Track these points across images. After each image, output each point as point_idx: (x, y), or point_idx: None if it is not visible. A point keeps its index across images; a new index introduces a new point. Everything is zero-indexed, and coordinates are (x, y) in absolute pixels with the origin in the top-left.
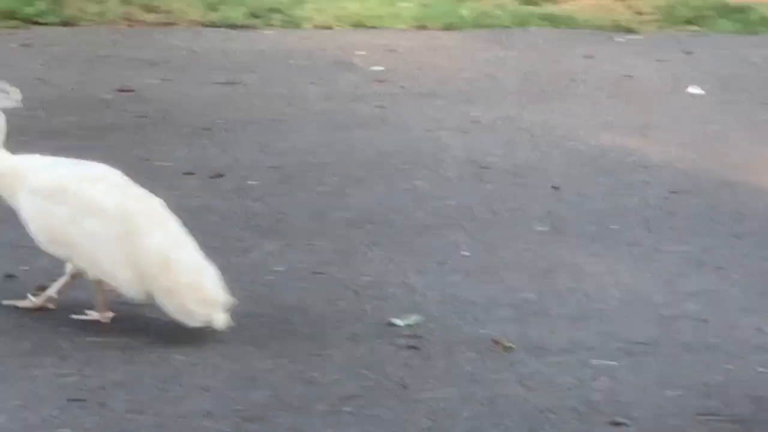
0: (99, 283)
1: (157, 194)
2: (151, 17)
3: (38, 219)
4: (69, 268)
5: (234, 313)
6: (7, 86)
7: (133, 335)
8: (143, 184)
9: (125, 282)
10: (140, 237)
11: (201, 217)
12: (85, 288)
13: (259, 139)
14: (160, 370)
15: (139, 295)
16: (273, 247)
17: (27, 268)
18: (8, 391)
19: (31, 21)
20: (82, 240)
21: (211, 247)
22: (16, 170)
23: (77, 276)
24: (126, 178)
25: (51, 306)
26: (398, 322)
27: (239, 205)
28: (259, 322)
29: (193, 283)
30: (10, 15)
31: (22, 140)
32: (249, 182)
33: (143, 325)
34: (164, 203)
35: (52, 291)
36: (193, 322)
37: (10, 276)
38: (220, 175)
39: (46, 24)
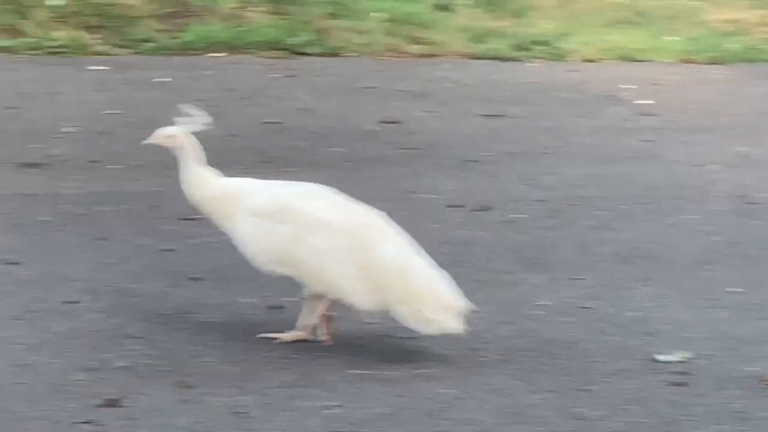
0: (321, 305)
1: (422, 227)
2: (415, 48)
3: (260, 239)
4: (306, 293)
5: (500, 347)
6: (194, 110)
7: (398, 368)
8: (409, 217)
9: (356, 294)
10: (371, 249)
11: (467, 249)
12: (347, 320)
13: (526, 171)
14: (426, 404)
15: (370, 306)
16: (539, 280)
17: (291, 299)
18: (273, 422)
19: (295, 51)
20: (309, 256)
21: (476, 280)
22: (230, 192)
23: (316, 299)
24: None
25: (308, 336)
26: (666, 358)
27: (505, 238)
28: (525, 356)
29: (431, 290)
30: (275, 45)
31: (286, 171)
32: (515, 215)
33: (407, 358)
34: (385, 215)
35: (302, 322)
36: (430, 330)
37: (274, 307)
38: (487, 208)
39: (310, 54)
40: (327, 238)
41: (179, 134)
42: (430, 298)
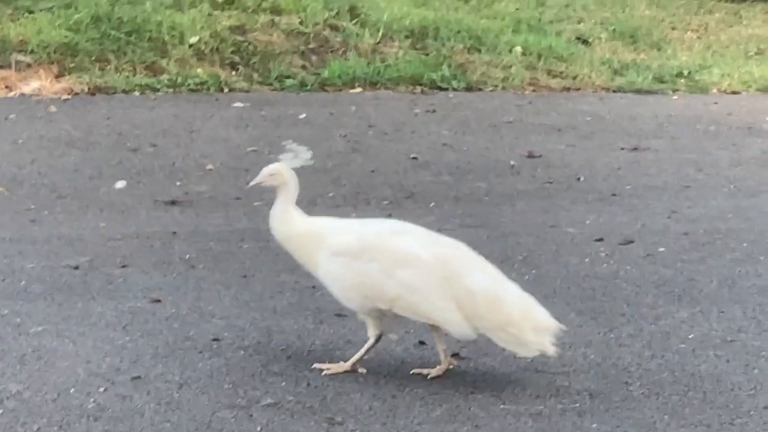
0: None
1: (564, 261)
2: (555, 82)
3: (348, 278)
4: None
5: (647, 381)
6: (296, 146)
7: (547, 402)
8: (551, 251)
9: (454, 324)
10: (460, 279)
11: (611, 283)
12: (495, 354)
13: (669, 205)
14: None
15: (469, 334)
16: (685, 314)
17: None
18: None
19: (435, 86)
20: (402, 291)
21: (620, 314)
22: (313, 232)
23: (435, 328)
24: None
25: (451, 363)
26: None
27: (649, 272)
28: (672, 389)
29: (524, 314)
30: (416, 80)
31: (430, 206)
32: (659, 249)
33: (555, 392)
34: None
35: (443, 354)
36: (528, 353)
37: (421, 343)
38: (630, 242)
39: (450, 89)
40: (417, 272)
41: (283, 171)
42: (525, 321)
